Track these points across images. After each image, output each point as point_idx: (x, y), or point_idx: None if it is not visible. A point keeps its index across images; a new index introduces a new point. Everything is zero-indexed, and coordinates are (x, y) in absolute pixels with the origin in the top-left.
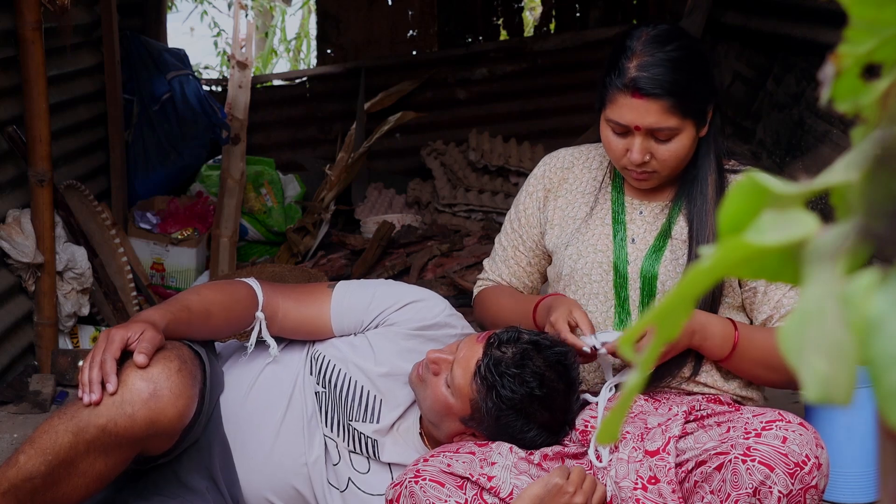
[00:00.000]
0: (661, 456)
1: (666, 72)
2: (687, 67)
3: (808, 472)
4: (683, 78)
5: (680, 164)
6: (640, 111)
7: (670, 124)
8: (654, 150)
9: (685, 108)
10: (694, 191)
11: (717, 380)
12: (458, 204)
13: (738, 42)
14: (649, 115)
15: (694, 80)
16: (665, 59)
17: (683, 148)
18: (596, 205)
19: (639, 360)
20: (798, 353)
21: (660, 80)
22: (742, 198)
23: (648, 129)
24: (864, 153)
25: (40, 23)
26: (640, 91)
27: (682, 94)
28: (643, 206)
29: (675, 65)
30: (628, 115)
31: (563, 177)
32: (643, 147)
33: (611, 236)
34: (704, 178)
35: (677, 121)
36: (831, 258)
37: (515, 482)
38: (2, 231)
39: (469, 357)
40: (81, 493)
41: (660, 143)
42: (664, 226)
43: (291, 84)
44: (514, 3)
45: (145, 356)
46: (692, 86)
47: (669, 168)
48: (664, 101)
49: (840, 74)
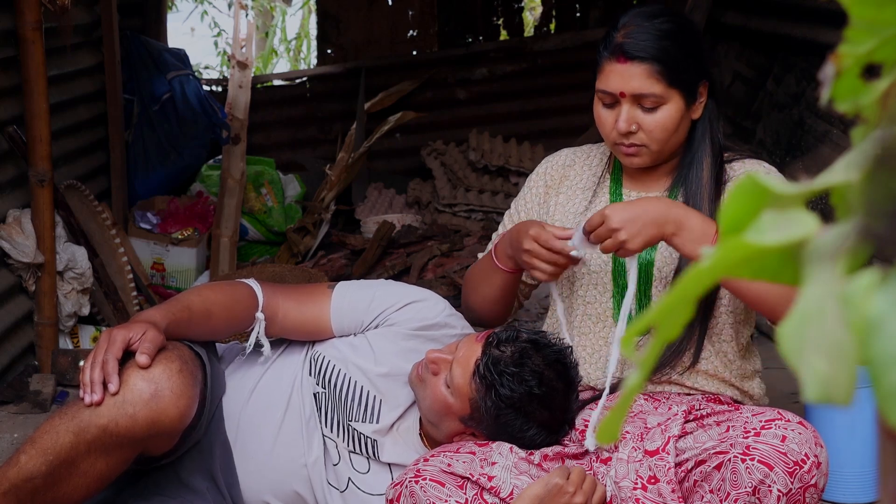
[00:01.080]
0: (660, 456)
1: (652, 38)
2: (675, 38)
3: (807, 471)
4: (670, 46)
5: (668, 138)
6: (624, 76)
7: (654, 90)
8: (640, 119)
9: (671, 76)
10: (690, 175)
11: (718, 366)
12: (458, 204)
13: (738, 42)
14: (634, 79)
15: (681, 50)
16: (652, 28)
17: (670, 119)
18: (594, 198)
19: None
20: (798, 353)
21: (644, 45)
22: (742, 198)
23: (633, 94)
24: (864, 153)
25: (40, 23)
26: (624, 55)
27: (668, 61)
28: (641, 195)
29: (662, 34)
30: (614, 82)
31: (564, 174)
32: (629, 116)
33: None
34: (700, 161)
35: (662, 87)
36: (831, 258)
37: (516, 482)
38: (2, 231)
39: (468, 356)
40: (82, 493)
41: (646, 113)
42: None
43: (291, 84)
44: (515, 3)
45: (147, 356)
46: (679, 55)
47: (657, 141)
48: (648, 65)
49: (840, 74)
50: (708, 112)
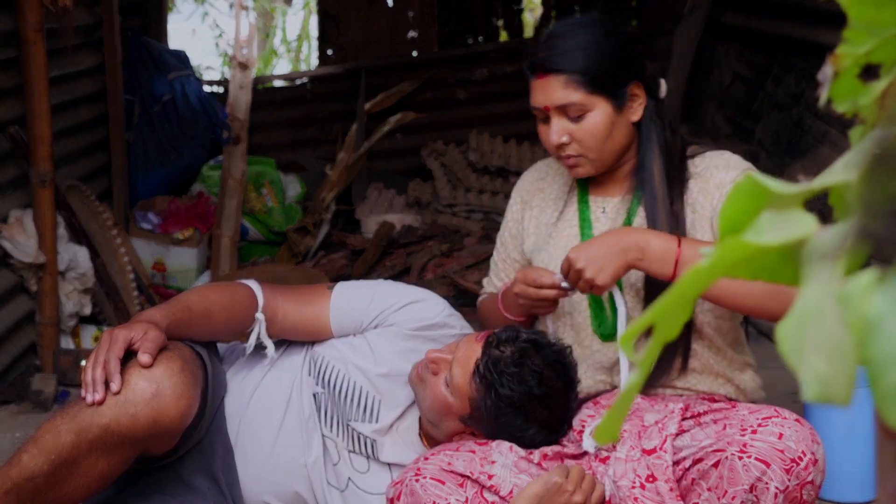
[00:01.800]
0: (658, 454)
1: (567, 48)
2: (592, 45)
3: (804, 468)
4: (587, 54)
5: (602, 145)
6: (545, 90)
7: (574, 99)
8: (570, 130)
9: (590, 83)
10: (644, 177)
11: (708, 359)
12: (458, 204)
13: (738, 42)
14: (554, 92)
15: (601, 56)
16: (568, 39)
17: (598, 125)
18: (565, 208)
19: (638, 359)
20: (797, 353)
21: (559, 57)
22: (742, 198)
23: (556, 106)
24: (863, 153)
25: (42, 24)
26: (542, 69)
27: (586, 69)
28: (605, 202)
29: (578, 44)
30: (538, 98)
31: (537, 187)
32: (559, 128)
33: (578, 237)
34: (650, 162)
35: (582, 95)
36: (830, 258)
37: (515, 481)
38: (4, 231)
39: (468, 356)
40: (83, 492)
41: (574, 123)
42: (624, 221)
43: (292, 85)
44: (514, 4)
45: (149, 356)
46: (597, 61)
47: (592, 149)
48: (565, 76)
49: (839, 75)
50: (649, 112)
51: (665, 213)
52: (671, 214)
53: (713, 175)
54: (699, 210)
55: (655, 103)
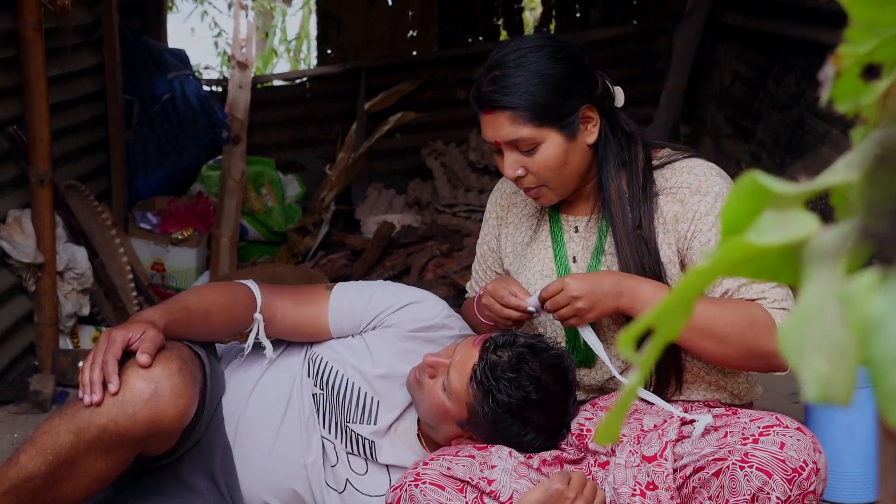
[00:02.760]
0: (658, 462)
1: (510, 83)
2: (538, 75)
3: (805, 478)
4: (532, 87)
5: (558, 175)
6: (493, 126)
7: (524, 134)
8: (525, 163)
9: (537, 117)
10: (605, 198)
11: (699, 368)
12: (458, 204)
13: (738, 42)
14: (501, 129)
15: (546, 85)
16: (512, 73)
17: (552, 157)
18: (538, 227)
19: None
20: (798, 353)
21: (503, 92)
22: (742, 198)
23: (506, 141)
24: (864, 153)
25: (41, 23)
26: (487, 106)
27: (530, 103)
28: (577, 221)
29: (524, 75)
30: (487, 132)
31: (511, 202)
32: (512, 162)
33: (552, 259)
34: (607, 188)
35: (531, 130)
36: (831, 258)
37: (515, 486)
38: (2, 231)
39: (465, 361)
40: (82, 493)
41: (528, 156)
42: (596, 242)
43: (292, 84)
44: (515, 4)
45: (148, 356)
46: (542, 91)
47: (550, 180)
48: (508, 113)
49: (840, 75)
50: (604, 132)
51: (628, 237)
52: (637, 237)
53: (687, 199)
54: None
55: (609, 121)
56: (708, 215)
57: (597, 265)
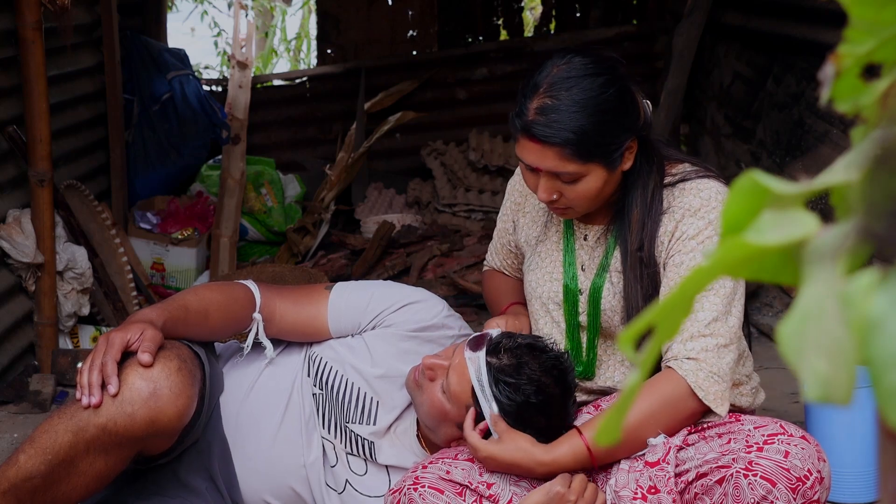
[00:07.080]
0: (660, 466)
1: (562, 118)
2: (591, 110)
3: (809, 487)
4: (585, 123)
5: (596, 201)
6: (538, 155)
7: (569, 169)
8: (562, 189)
9: (585, 154)
10: (623, 223)
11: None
12: (458, 204)
13: (738, 42)
14: (547, 160)
15: (598, 123)
16: (564, 104)
17: (592, 189)
18: (550, 224)
19: (639, 359)
20: (798, 353)
21: (555, 128)
22: (742, 198)
23: (549, 171)
24: (864, 153)
25: (40, 23)
26: (533, 137)
27: (581, 141)
28: (588, 229)
29: (576, 109)
30: (529, 157)
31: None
32: (548, 187)
33: (561, 264)
34: (630, 212)
35: (577, 166)
36: (831, 258)
37: (515, 489)
38: (2, 231)
39: (464, 363)
40: (81, 492)
41: (566, 184)
42: (602, 259)
43: (291, 84)
44: (515, 3)
45: (150, 355)
46: (595, 130)
47: (583, 206)
48: (559, 149)
49: (840, 74)
50: (638, 159)
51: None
52: (637, 259)
53: (683, 219)
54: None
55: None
56: (692, 239)
57: (601, 282)
